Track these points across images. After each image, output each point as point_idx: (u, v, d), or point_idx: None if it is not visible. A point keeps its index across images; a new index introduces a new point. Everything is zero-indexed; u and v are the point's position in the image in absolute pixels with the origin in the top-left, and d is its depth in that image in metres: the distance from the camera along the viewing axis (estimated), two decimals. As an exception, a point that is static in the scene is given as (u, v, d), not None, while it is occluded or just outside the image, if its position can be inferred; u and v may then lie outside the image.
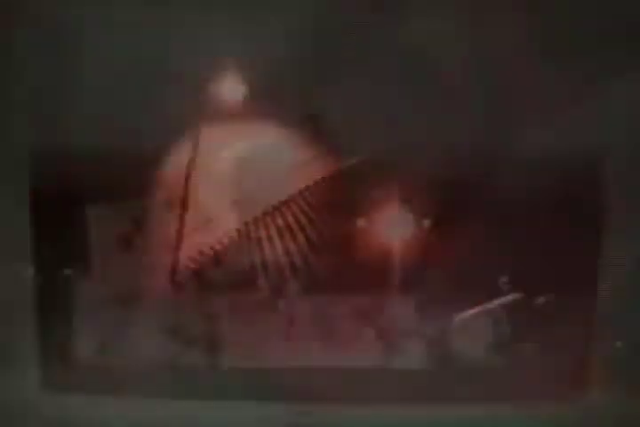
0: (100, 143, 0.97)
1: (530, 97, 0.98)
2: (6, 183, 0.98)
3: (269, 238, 1.01)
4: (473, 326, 1.02)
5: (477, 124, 0.97)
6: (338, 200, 1.01)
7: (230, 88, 0.98)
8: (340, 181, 1.00)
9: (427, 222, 1.01)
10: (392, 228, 1.01)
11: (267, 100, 0.97)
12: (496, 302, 1.02)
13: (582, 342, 1.02)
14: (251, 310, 1.02)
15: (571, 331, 1.02)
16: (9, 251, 0.99)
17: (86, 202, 0.99)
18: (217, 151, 0.99)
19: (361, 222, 1.01)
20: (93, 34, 0.95)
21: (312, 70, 0.96)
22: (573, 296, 1.01)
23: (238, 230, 1.01)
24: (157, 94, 0.97)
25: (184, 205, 1.00)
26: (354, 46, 0.95)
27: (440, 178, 0.99)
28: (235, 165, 1.00)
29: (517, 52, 0.95)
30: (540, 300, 1.02)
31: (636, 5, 0.94)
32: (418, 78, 0.96)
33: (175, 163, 0.99)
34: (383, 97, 0.97)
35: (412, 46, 0.95)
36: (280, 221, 1.01)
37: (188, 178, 1.00)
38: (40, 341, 1.01)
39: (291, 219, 1.01)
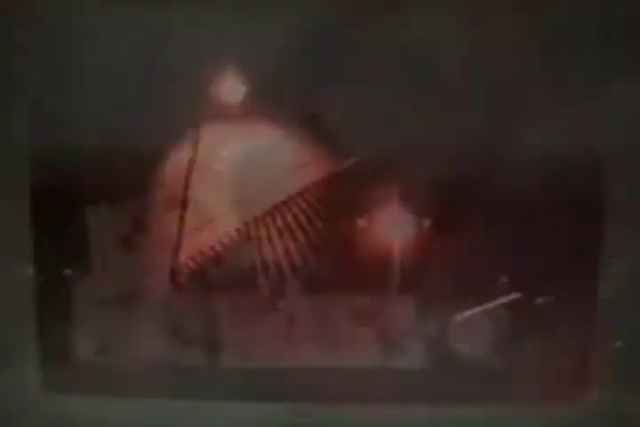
0: (100, 143, 0.97)
1: (530, 96, 0.98)
2: (6, 183, 0.98)
3: (269, 238, 1.01)
4: (473, 326, 1.02)
5: (477, 124, 0.98)
6: (338, 200, 1.01)
7: (230, 88, 0.98)
8: (340, 181, 1.00)
9: (427, 222, 1.01)
10: (392, 228, 1.01)
11: (267, 100, 0.97)
12: (496, 302, 1.02)
13: (582, 343, 1.02)
14: (251, 310, 1.02)
15: (570, 331, 1.02)
16: (9, 251, 0.99)
17: (86, 202, 0.99)
18: (217, 151, 1.00)
19: (361, 222, 1.01)
20: (93, 33, 0.95)
21: (312, 70, 0.96)
22: (573, 296, 1.01)
23: (238, 230, 1.01)
24: (157, 94, 0.97)
25: (184, 204, 1.00)
26: (353, 46, 0.95)
27: (440, 178, 0.99)
28: (235, 165, 1.00)
29: (517, 51, 0.95)
30: (540, 300, 1.02)
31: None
32: (417, 78, 0.96)
33: (175, 163, 0.99)
34: (383, 97, 0.97)
35: (411, 45, 0.95)
36: (280, 221, 1.01)
37: (187, 178, 1.00)
38: (40, 341, 1.01)
39: (291, 219, 1.01)
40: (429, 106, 0.98)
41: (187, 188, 1.00)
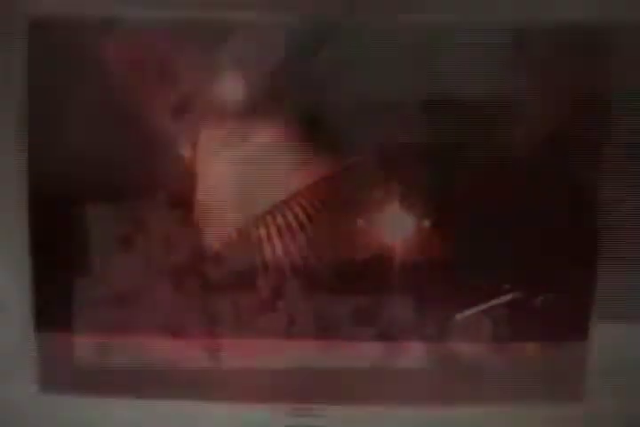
0: (100, 143, 0.97)
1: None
2: (6, 183, 0.98)
3: (269, 238, 1.01)
4: (473, 326, 1.02)
5: (477, 125, 0.98)
6: (338, 200, 1.01)
7: (230, 88, 0.98)
8: (339, 181, 1.00)
9: (427, 222, 1.01)
10: (392, 228, 1.01)
11: (267, 101, 0.97)
12: (496, 302, 1.02)
13: (582, 342, 1.02)
14: (251, 310, 1.02)
15: (570, 331, 1.02)
16: (8, 251, 0.99)
17: (86, 202, 0.99)
18: (217, 151, 1.00)
19: (361, 222, 1.01)
20: (93, 33, 0.95)
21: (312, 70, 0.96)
22: (573, 296, 1.01)
23: (238, 230, 1.01)
24: (157, 94, 0.97)
25: (184, 204, 1.00)
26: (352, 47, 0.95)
27: (440, 178, 0.99)
28: (235, 165, 1.00)
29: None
30: (540, 300, 1.02)
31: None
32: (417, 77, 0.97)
33: (175, 163, 0.99)
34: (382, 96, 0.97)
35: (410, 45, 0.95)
36: (280, 221, 1.01)
37: (188, 178, 1.00)
38: (40, 340, 1.01)
39: (291, 218, 1.01)
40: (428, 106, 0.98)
41: (187, 187, 1.00)
